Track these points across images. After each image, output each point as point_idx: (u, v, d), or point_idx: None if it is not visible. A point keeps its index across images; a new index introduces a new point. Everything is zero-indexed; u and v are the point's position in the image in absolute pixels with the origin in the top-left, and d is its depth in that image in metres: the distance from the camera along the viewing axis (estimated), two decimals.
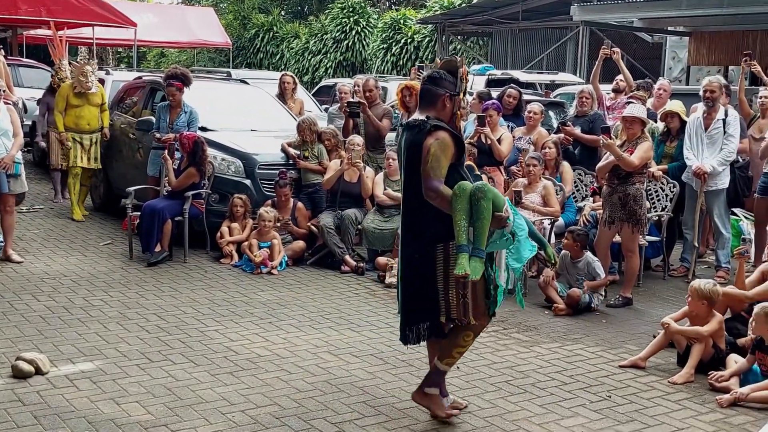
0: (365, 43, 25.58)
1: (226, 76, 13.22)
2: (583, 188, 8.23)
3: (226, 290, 6.88)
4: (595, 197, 7.88)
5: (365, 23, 25.88)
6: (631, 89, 8.84)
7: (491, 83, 12.95)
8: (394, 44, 24.13)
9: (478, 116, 7.80)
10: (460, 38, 23.41)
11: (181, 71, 8.90)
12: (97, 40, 18.08)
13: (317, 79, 24.51)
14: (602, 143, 6.80)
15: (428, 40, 23.45)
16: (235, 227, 7.97)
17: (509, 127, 8.48)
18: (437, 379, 4.42)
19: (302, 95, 11.66)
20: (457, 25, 21.66)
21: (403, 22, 24.30)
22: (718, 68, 17.93)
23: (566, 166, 8.05)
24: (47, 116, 10.71)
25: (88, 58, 10.64)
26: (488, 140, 7.75)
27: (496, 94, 9.19)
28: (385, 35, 24.49)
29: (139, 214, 7.82)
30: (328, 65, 25.88)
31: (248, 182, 8.30)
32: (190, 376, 4.91)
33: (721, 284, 5.74)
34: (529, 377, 5.10)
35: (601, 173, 7.05)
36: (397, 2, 29.92)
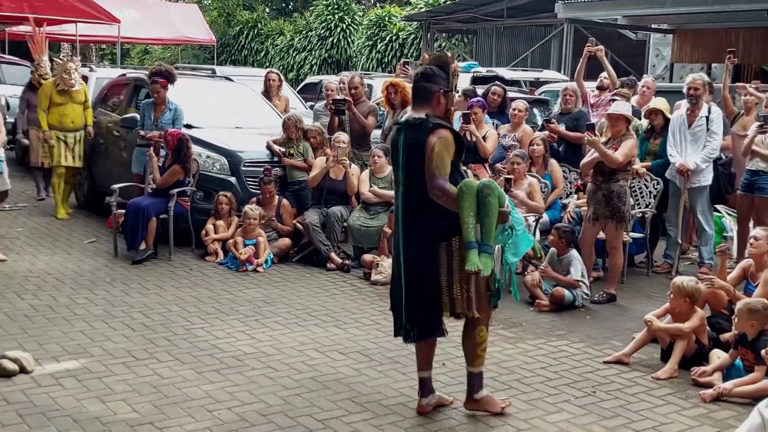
0: (350, 40, 25.54)
1: (210, 73, 13.18)
2: (567, 185, 8.27)
3: (211, 288, 6.87)
4: (579, 194, 7.92)
5: (350, 20, 25.84)
6: (615, 86, 8.89)
7: (476, 81, 12.95)
8: (379, 41, 24.10)
9: (463, 114, 7.81)
10: (445, 36, 23.41)
11: (165, 68, 8.87)
12: (80, 36, 17.92)
13: (302, 76, 24.46)
14: (587, 140, 6.84)
15: (413, 37, 23.44)
16: (220, 225, 7.96)
17: (494, 124, 8.51)
18: (479, 381, 4.48)
19: (287, 92, 11.64)
20: (442, 22, 21.66)
21: (388, 19, 24.27)
22: (701, 66, 18.00)
23: (555, 164, 8.08)
24: (27, 113, 10.62)
25: (71, 54, 10.55)
26: (473, 138, 7.77)
27: (481, 91, 9.22)
28: (370, 32, 24.45)
29: (123, 211, 7.79)
30: (313, 62, 25.82)
31: (233, 180, 8.28)
32: (176, 373, 4.90)
33: (703, 281, 5.79)
34: (514, 373, 5.13)
35: (585, 170, 7.10)
36: None
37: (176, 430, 4.15)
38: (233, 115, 9.38)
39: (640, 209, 7.74)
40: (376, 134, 9.10)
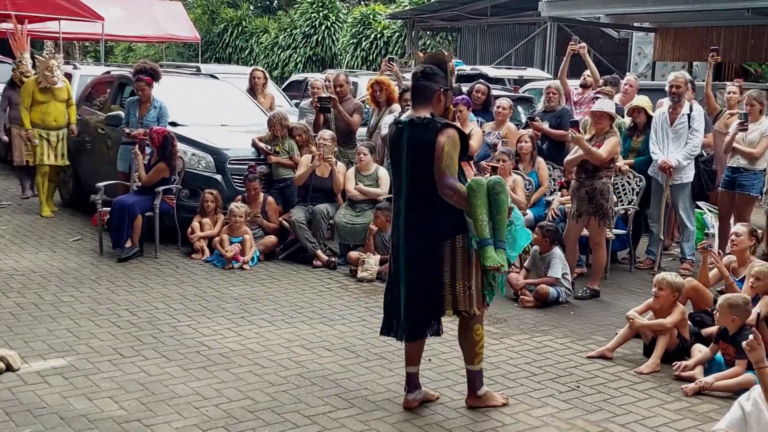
0: (335, 38, 25.54)
1: (195, 70, 13.15)
2: (551, 182, 8.33)
3: (197, 285, 6.88)
4: (563, 191, 7.98)
5: (335, 18, 25.84)
6: (598, 84, 8.95)
7: (460, 78, 12.98)
8: (363, 39, 24.12)
9: None
10: (429, 33, 23.47)
11: (150, 66, 8.85)
12: (63, 34, 17.80)
13: (287, 74, 24.43)
14: (571, 137, 6.89)
15: (398, 35, 23.48)
16: (206, 222, 7.96)
17: (478, 122, 8.56)
18: (480, 378, 4.53)
19: (273, 90, 11.64)
20: (426, 20, 21.71)
21: (372, 17, 24.30)
22: (682, 64, 18.17)
23: (542, 162, 8.14)
24: (9, 111, 10.55)
25: (53, 52, 10.46)
26: None
27: (465, 89, 9.26)
28: (354, 30, 24.47)
29: (109, 209, 7.78)
30: (297, 60, 25.80)
31: (219, 177, 8.28)
32: (162, 371, 4.91)
33: (684, 276, 5.87)
34: (499, 368, 5.18)
35: (569, 167, 7.16)
36: None
37: (163, 427, 4.16)
38: (219, 112, 9.37)
39: (622, 206, 7.81)
40: (361, 132, 9.13)
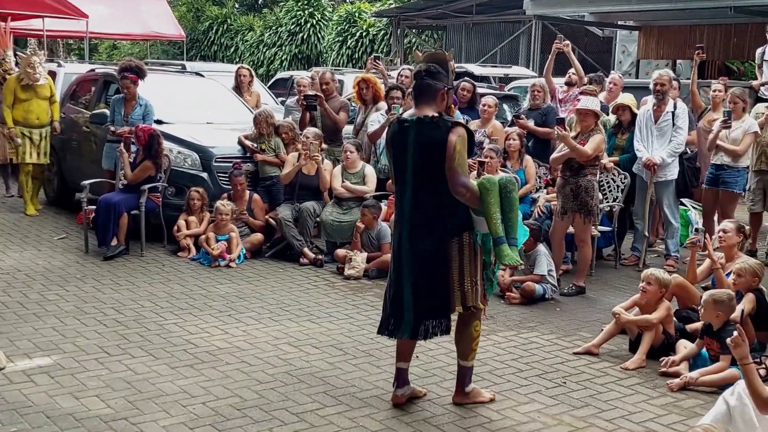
0: (320, 36, 25.50)
1: (181, 68, 13.10)
2: (537, 180, 8.36)
3: (184, 283, 6.86)
4: (548, 189, 8.02)
5: (320, 16, 25.78)
6: (582, 82, 8.98)
7: None
8: (349, 37, 24.09)
9: None
10: (414, 32, 23.47)
11: (135, 64, 8.80)
12: (47, 32, 17.68)
13: (272, 71, 24.37)
14: (557, 134, 6.93)
15: (383, 33, 23.48)
16: (192, 220, 7.94)
17: (464, 119, 8.56)
18: (470, 375, 4.55)
19: (258, 88, 11.62)
20: (411, 18, 21.71)
21: (358, 15, 24.27)
22: (666, 62, 18.26)
23: (530, 160, 8.16)
24: None
25: (36, 49, 10.38)
26: None
27: None
28: (340, 28, 24.43)
29: (94, 207, 7.75)
30: (283, 58, 25.73)
31: (205, 175, 8.27)
32: (149, 369, 4.90)
33: (670, 273, 5.91)
34: (486, 365, 5.19)
35: (555, 164, 7.20)
36: None
37: (151, 425, 4.16)
38: (204, 110, 9.35)
39: (608, 203, 7.86)
40: (347, 130, 9.13)
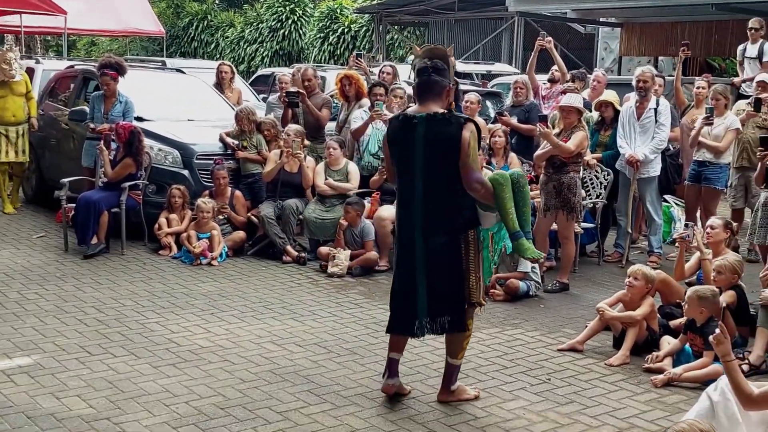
0: (302, 32, 25.41)
1: (161, 65, 12.99)
2: None
3: (165, 282, 6.80)
4: (531, 186, 8.00)
5: (301, 12, 25.69)
6: (565, 79, 9.00)
7: None
8: (331, 34, 24.03)
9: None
10: (396, 28, 23.45)
11: (115, 60, 8.71)
12: (25, 28, 17.50)
13: (253, 68, 24.26)
14: (539, 132, 6.93)
15: (365, 29, 23.43)
16: (173, 218, 7.87)
17: None
18: (457, 373, 4.55)
19: (240, 85, 11.55)
20: (393, 15, 21.67)
21: (339, 11, 24.21)
22: (648, 59, 18.35)
23: (515, 158, 8.15)
24: None
25: (12, 45, 10.25)
26: None
27: None
28: (321, 24, 24.36)
29: (73, 205, 7.67)
30: (264, 54, 25.62)
31: (186, 173, 8.20)
32: (131, 368, 4.85)
33: (654, 269, 5.92)
34: (470, 362, 5.18)
35: (538, 161, 7.20)
36: None
37: (133, 425, 4.11)
38: (185, 107, 9.28)
39: (591, 200, 7.87)
40: (330, 127, 9.09)
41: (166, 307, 6.12)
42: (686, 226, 6.11)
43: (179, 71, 10.68)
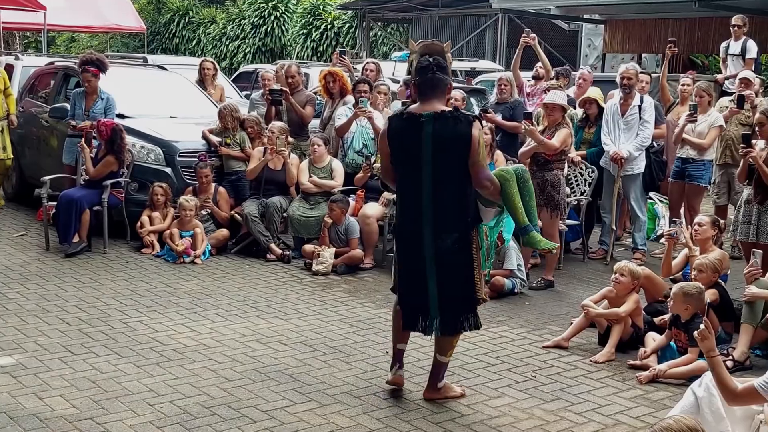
0: (284, 28, 25.31)
1: (142, 61, 12.90)
2: None
3: (148, 281, 6.74)
4: None
5: (284, 8, 25.59)
6: (550, 76, 9.00)
7: None
8: (314, 30, 23.95)
9: (402, 103, 7.83)
10: (380, 24, 23.41)
11: (96, 57, 8.62)
12: (3, 24, 17.33)
13: (235, 65, 24.15)
14: (524, 129, 6.93)
15: (348, 26, 23.37)
16: (155, 216, 7.81)
17: None
18: (443, 372, 4.54)
19: (222, 81, 11.47)
20: (377, 11, 21.62)
21: (322, 7, 24.13)
22: (631, 55, 18.42)
23: (500, 155, 8.14)
24: None
25: None
26: None
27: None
28: (304, 21, 24.27)
29: (55, 204, 7.59)
30: (246, 51, 25.50)
31: (168, 170, 8.13)
32: (114, 368, 4.80)
33: (638, 266, 5.94)
34: (456, 360, 5.15)
35: (523, 158, 7.20)
36: None
37: (117, 425, 4.07)
38: (167, 104, 9.19)
39: (575, 197, 7.88)
40: (314, 124, 9.05)
41: (149, 305, 6.07)
42: (673, 223, 6.12)
43: (161, 68, 10.60)
